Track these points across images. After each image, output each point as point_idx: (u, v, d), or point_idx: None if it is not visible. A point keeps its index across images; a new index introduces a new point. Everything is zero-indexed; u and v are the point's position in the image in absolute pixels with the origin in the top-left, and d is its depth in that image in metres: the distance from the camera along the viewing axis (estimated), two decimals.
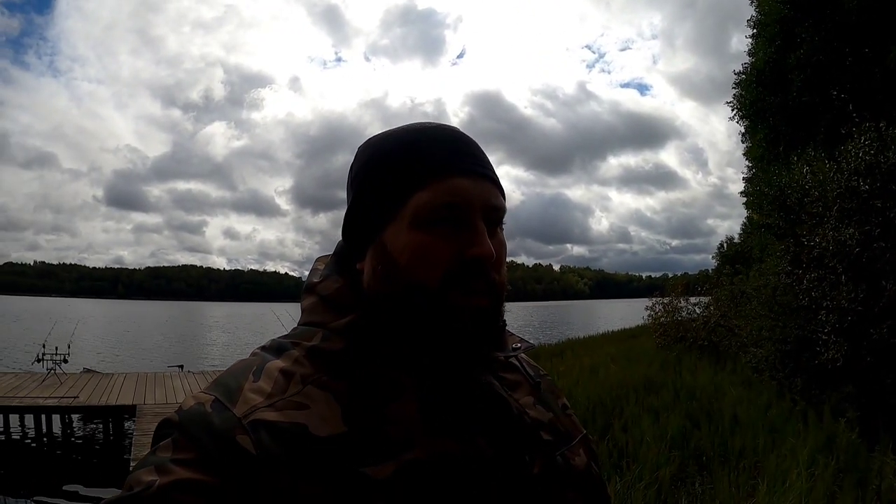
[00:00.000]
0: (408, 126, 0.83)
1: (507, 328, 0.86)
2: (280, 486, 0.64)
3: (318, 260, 0.90)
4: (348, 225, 0.83)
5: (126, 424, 11.44)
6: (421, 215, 0.75)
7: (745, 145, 18.11)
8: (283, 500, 0.64)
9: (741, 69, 16.21)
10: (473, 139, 0.83)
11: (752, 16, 15.95)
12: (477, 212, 0.76)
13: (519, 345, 0.87)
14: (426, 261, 0.74)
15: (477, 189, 0.77)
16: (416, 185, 0.76)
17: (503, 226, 0.82)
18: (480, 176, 0.78)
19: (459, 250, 0.74)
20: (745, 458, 5.61)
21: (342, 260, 0.85)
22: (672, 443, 6.18)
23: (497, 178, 0.82)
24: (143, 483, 0.63)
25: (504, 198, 0.82)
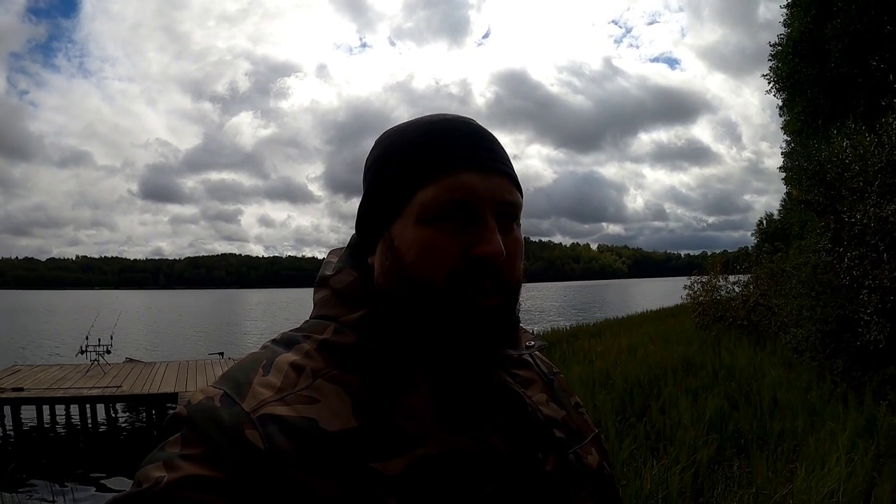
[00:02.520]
0: (422, 118, 0.81)
1: (520, 325, 0.84)
2: (289, 482, 0.63)
3: (331, 252, 0.89)
4: (360, 218, 0.82)
5: (169, 412, 11.62)
6: (427, 211, 0.73)
7: (782, 119, 17.60)
8: (292, 495, 0.63)
9: (776, 40, 15.76)
10: (490, 133, 0.80)
11: None
12: (487, 207, 0.73)
13: (532, 342, 0.86)
14: (432, 258, 0.72)
15: (487, 184, 0.74)
16: (424, 180, 0.74)
17: (518, 222, 0.79)
18: (492, 170, 0.76)
19: (467, 248, 0.72)
20: (784, 442, 5.51)
21: (356, 253, 0.83)
22: (710, 425, 6.10)
23: (513, 173, 0.79)
24: (152, 479, 0.63)
25: (521, 193, 0.79)
